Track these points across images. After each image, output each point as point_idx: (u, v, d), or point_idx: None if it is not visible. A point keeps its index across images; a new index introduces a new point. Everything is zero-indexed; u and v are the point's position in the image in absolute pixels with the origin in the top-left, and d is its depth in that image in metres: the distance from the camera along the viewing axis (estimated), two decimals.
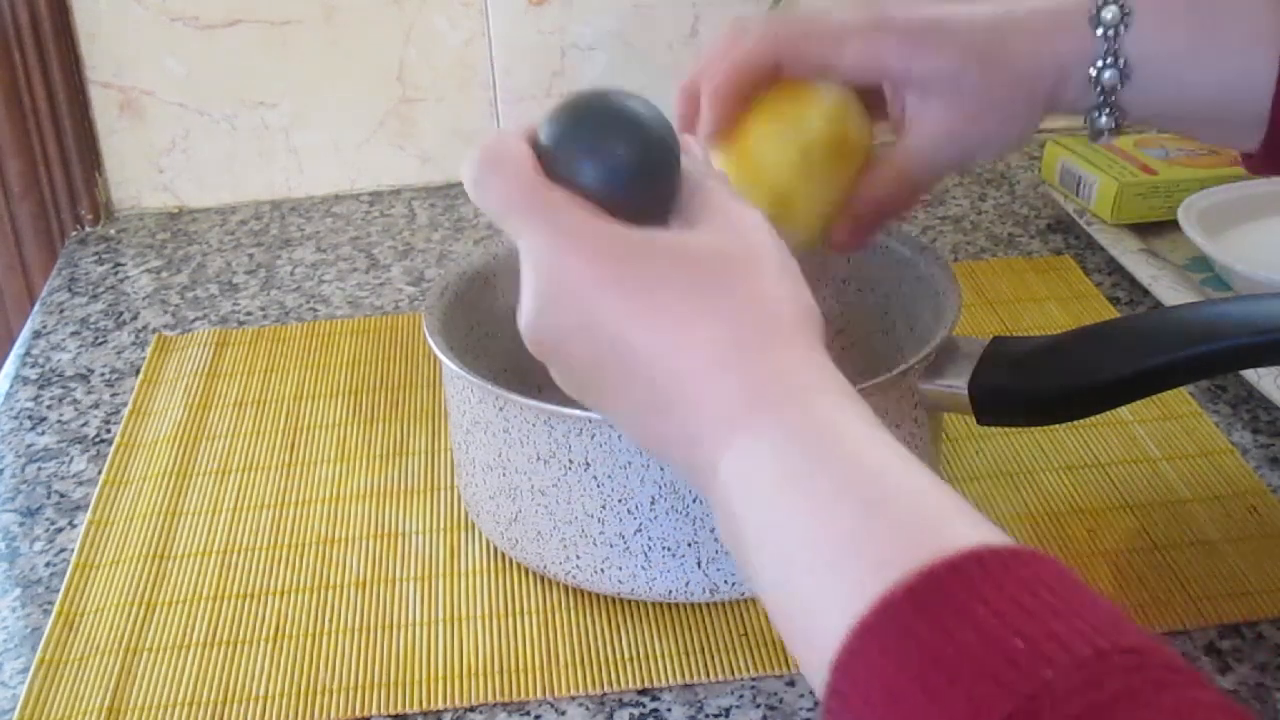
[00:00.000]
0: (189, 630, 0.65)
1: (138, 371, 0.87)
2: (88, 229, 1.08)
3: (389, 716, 0.60)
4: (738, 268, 0.46)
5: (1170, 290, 0.85)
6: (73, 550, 0.70)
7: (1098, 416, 0.67)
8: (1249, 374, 0.77)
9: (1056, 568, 0.37)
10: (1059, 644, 0.34)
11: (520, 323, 0.49)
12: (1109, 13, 0.59)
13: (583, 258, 0.46)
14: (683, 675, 0.61)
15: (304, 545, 0.70)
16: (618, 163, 0.49)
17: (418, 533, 0.70)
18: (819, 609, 0.38)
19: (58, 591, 0.68)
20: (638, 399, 0.46)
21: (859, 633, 0.36)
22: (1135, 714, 0.32)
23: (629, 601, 0.64)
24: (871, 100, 0.63)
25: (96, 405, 0.84)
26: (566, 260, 0.47)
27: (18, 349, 0.91)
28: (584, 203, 0.48)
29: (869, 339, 0.75)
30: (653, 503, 0.60)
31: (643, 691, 0.60)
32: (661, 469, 0.59)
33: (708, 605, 0.64)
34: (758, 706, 0.59)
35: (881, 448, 0.42)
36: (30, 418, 0.83)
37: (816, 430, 0.42)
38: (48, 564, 0.70)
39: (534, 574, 0.67)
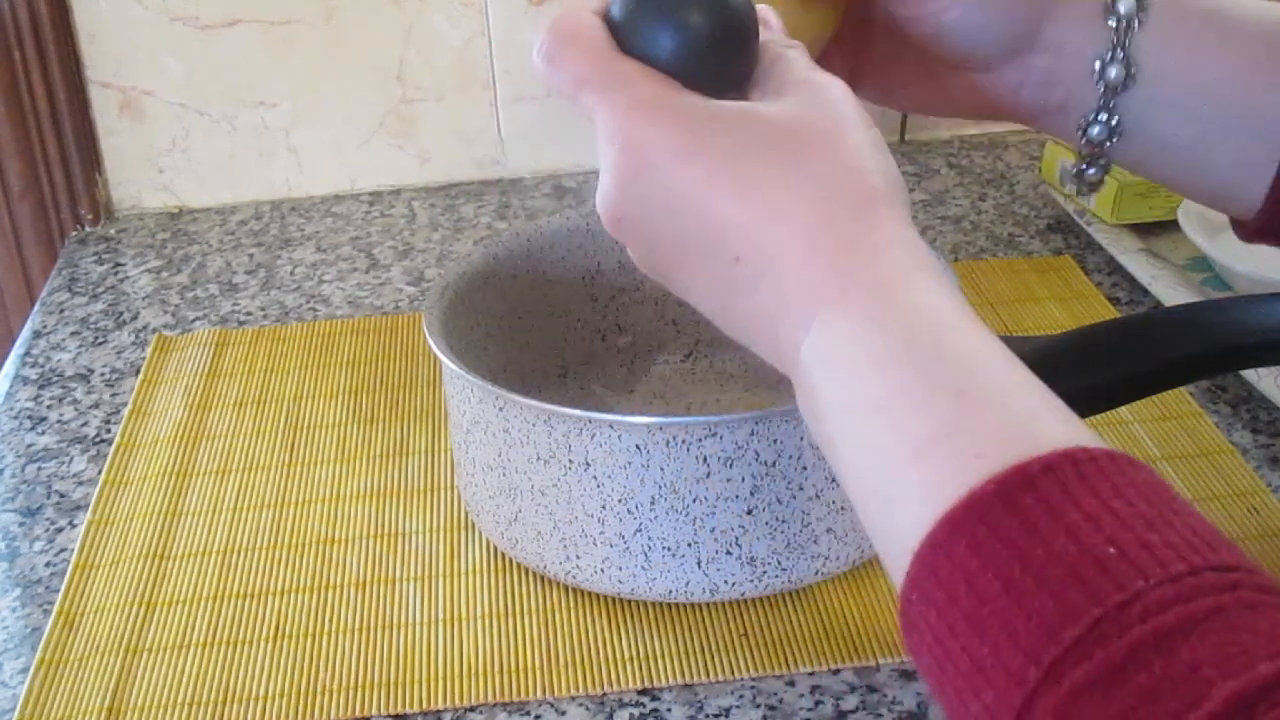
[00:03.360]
0: (189, 630, 0.65)
1: (138, 371, 0.87)
2: (88, 229, 1.08)
3: (389, 716, 0.60)
4: (825, 139, 0.44)
5: (1170, 290, 0.85)
6: (73, 550, 0.70)
7: (1098, 416, 0.67)
8: (1249, 374, 0.77)
9: (1151, 476, 0.36)
10: (1152, 555, 0.33)
11: (598, 201, 0.47)
12: (1124, 5, 0.56)
13: (663, 129, 0.44)
14: (683, 675, 0.61)
15: (304, 545, 0.70)
16: (694, 33, 0.47)
17: (418, 533, 0.70)
18: (902, 499, 0.38)
19: (58, 591, 0.68)
20: (722, 275, 0.44)
21: (945, 525, 0.35)
22: (1225, 632, 0.32)
23: (629, 601, 0.64)
24: None
25: (96, 405, 0.84)
26: (646, 133, 0.44)
27: (18, 349, 0.91)
28: (661, 75, 0.46)
29: None
30: (653, 503, 0.60)
31: (643, 691, 0.60)
32: (662, 469, 0.59)
33: (708, 605, 0.64)
34: (758, 706, 0.59)
35: (972, 336, 0.40)
36: (30, 418, 0.83)
37: (907, 314, 0.41)
38: (48, 564, 0.70)
39: (534, 574, 0.67)
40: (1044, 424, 0.37)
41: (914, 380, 0.39)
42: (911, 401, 0.39)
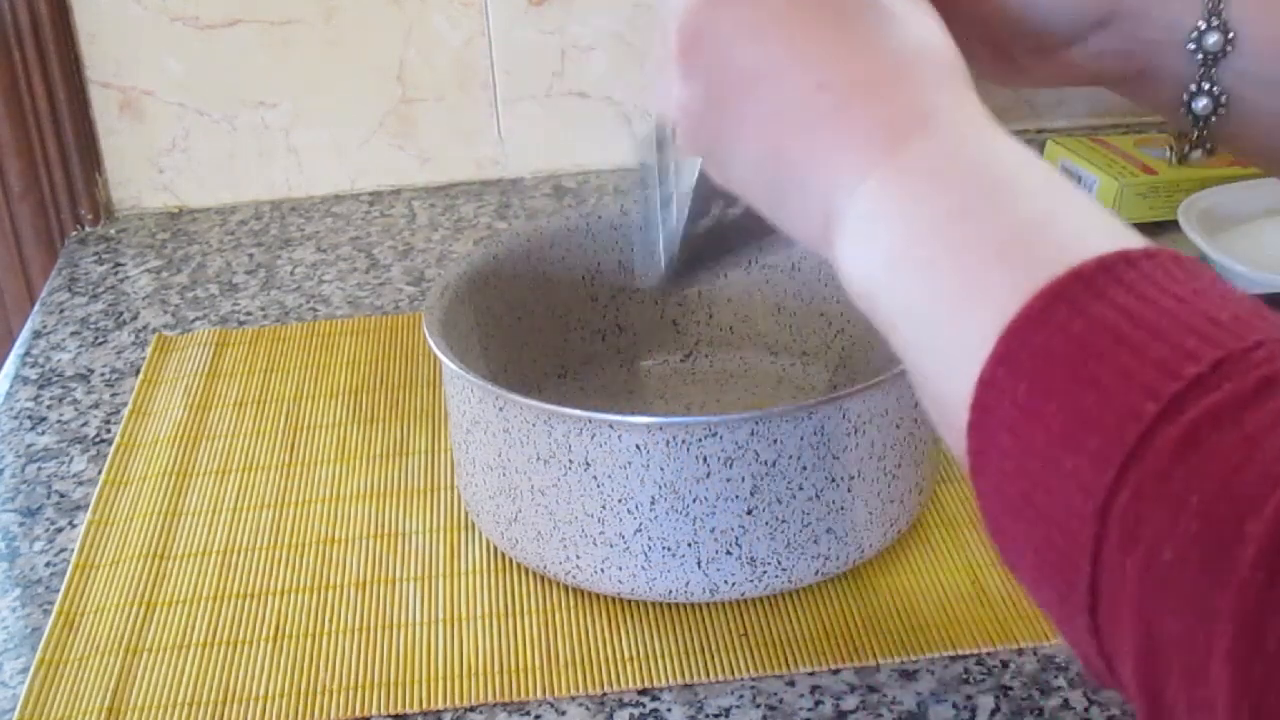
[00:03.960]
0: (189, 630, 0.65)
1: (138, 371, 0.87)
2: (88, 229, 1.08)
3: (389, 716, 0.60)
4: (911, 9, 0.45)
5: None
6: (73, 550, 0.70)
7: None
8: None
9: (1211, 271, 0.35)
10: (1266, 319, 0.32)
11: (672, 20, 0.46)
12: None
13: None
14: (683, 675, 0.61)
15: (304, 545, 0.70)
16: None
17: (418, 533, 0.70)
18: (981, 301, 0.36)
19: (58, 591, 0.68)
20: (800, 101, 0.43)
21: (1042, 296, 0.34)
22: None
23: (629, 601, 0.64)
24: None
25: (96, 405, 0.84)
26: None
27: (18, 349, 0.91)
28: None
29: (869, 338, 0.75)
30: (653, 503, 0.60)
31: (643, 691, 0.60)
32: (662, 469, 0.59)
33: (708, 605, 0.64)
34: (758, 706, 0.59)
35: (1027, 169, 0.40)
36: (30, 418, 0.83)
37: (973, 164, 0.40)
38: (48, 564, 0.70)
39: (534, 574, 0.67)
40: (1126, 232, 0.37)
41: (983, 206, 0.39)
42: (985, 217, 0.38)
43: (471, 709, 0.60)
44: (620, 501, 0.60)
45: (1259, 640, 0.28)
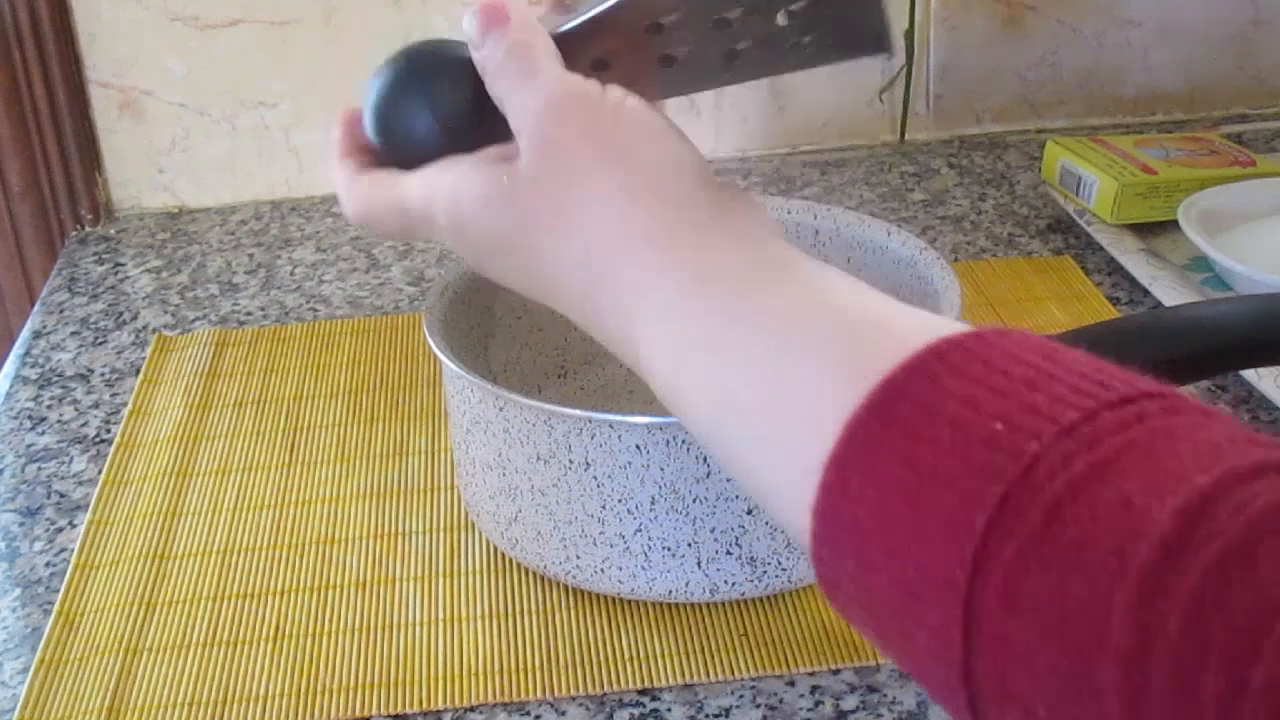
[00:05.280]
0: (189, 630, 0.65)
1: (138, 371, 0.87)
2: (88, 229, 1.08)
3: (389, 716, 0.60)
4: (553, 201, 0.46)
5: (1170, 290, 0.85)
6: (73, 550, 0.70)
7: None
8: (1249, 374, 0.77)
9: (1024, 339, 0.34)
10: (1040, 416, 0.31)
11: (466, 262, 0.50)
12: None
13: (474, 205, 0.47)
14: (683, 675, 0.61)
15: (304, 545, 0.70)
16: (431, 118, 0.50)
17: (418, 533, 0.70)
18: (781, 464, 0.36)
19: (58, 591, 0.68)
20: (566, 280, 0.46)
21: (832, 468, 0.34)
22: (1144, 462, 0.30)
23: (629, 601, 0.64)
24: None
25: (96, 405, 0.84)
26: (461, 214, 0.48)
27: (18, 349, 0.91)
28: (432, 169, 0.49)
29: None
30: (653, 503, 0.60)
31: (643, 691, 0.60)
32: (662, 469, 0.59)
33: (708, 605, 0.64)
34: (758, 706, 0.59)
35: (793, 285, 0.40)
36: (30, 418, 0.83)
37: (727, 288, 0.41)
38: (48, 564, 0.70)
39: (534, 574, 0.67)
40: (900, 330, 0.36)
41: (748, 342, 0.39)
42: (755, 362, 0.38)
43: (471, 709, 0.60)
44: (620, 501, 0.60)
45: None
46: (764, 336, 0.39)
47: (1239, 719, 0.26)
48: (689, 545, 0.61)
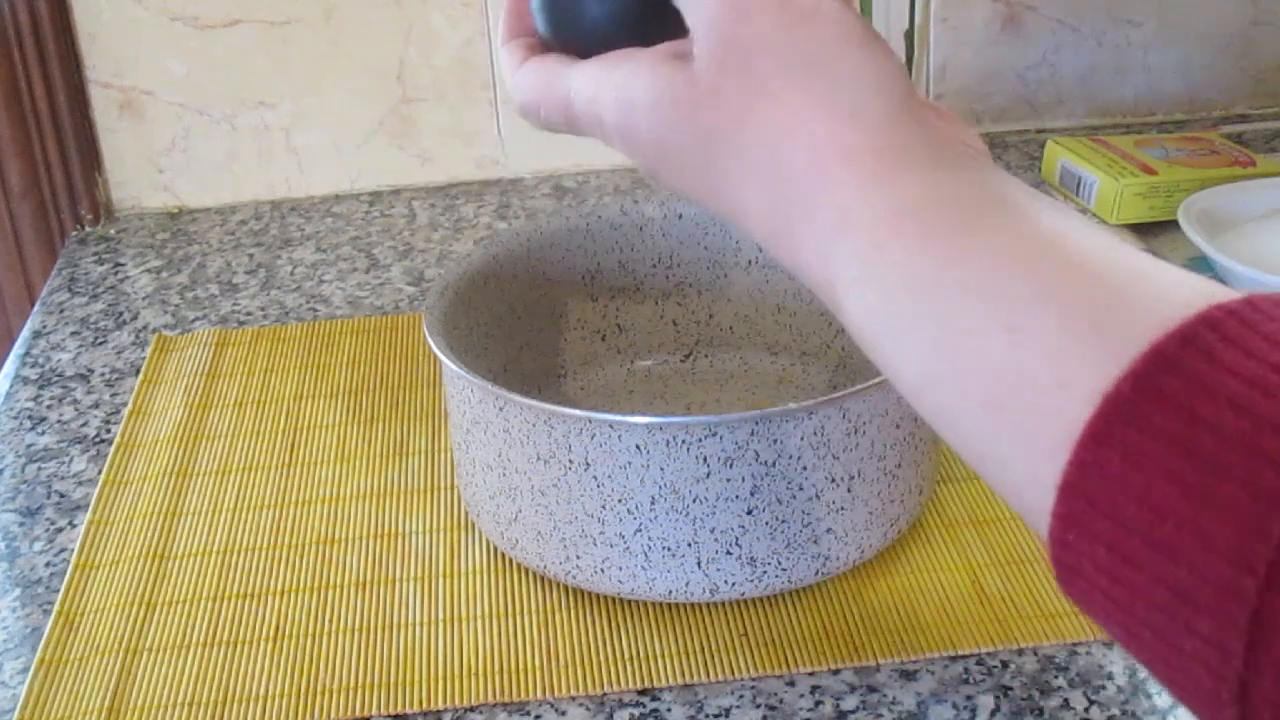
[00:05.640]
0: (189, 630, 0.65)
1: (138, 371, 0.87)
2: (88, 229, 1.08)
3: (389, 716, 0.60)
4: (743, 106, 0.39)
5: None
6: (73, 550, 0.70)
7: None
8: None
9: None
10: None
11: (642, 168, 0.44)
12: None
13: (653, 109, 0.41)
14: (683, 675, 0.61)
15: (304, 545, 0.70)
16: (601, 4, 0.45)
17: (418, 533, 0.70)
18: (1024, 432, 0.32)
19: (58, 591, 0.68)
20: (766, 199, 0.40)
21: (1086, 444, 0.30)
22: None
23: (629, 601, 0.64)
24: None
25: (96, 405, 0.84)
26: (640, 120, 0.42)
27: (18, 349, 0.91)
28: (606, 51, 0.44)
29: None
30: (653, 503, 0.60)
31: (643, 692, 0.60)
32: (662, 469, 0.59)
33: (708, 605, 0.64)
34: (758, 707, 0.59)
35: (1023, 224, 0.34)
36: (30, 418, 0.83)
37: (947, 226, 0.35)
38: (48, 564, 0.70)
39: (534, 574, 0.67)
40: (1153, 284, 0.31)
41: (964, 287, 0.34)
42: (974, 314, 0.33)
43: (471, 709, 0.60)
44: (620, 501, 0.60)
45: None
46: (993, 283, 0.33)
47: None
48: (689, 545, 0.61)
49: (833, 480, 0.61)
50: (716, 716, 0.59)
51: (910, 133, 0.38)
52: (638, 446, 0.59)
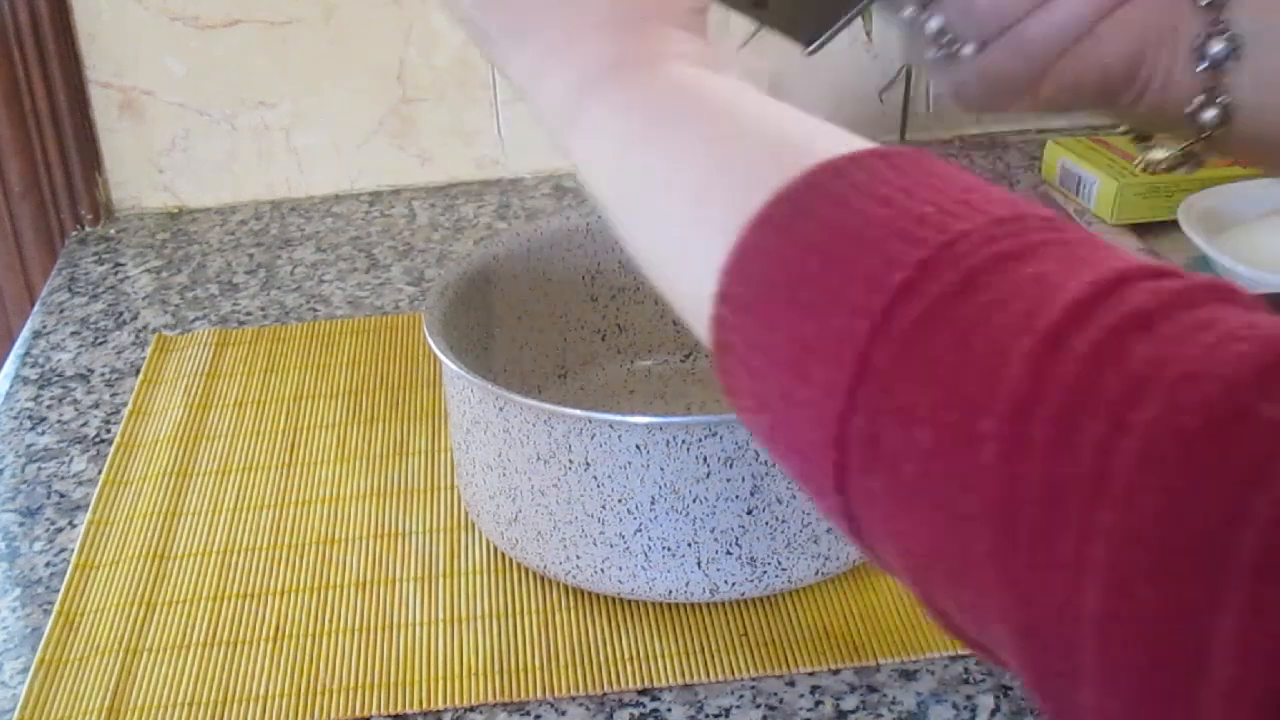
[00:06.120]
0: (189, 630, 0.65)
1: (138, 371, 0.87)
2: (88, 229, 1.08)
3: (389, 716, 0.60)
4: None
5: None
6: (73, 550, 0.70)
7: None
8: None
9: (955, 167, 0.35)
10: (972, 208, 0.32)
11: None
12: None
13: None
14: (683, 675, 0.61)
15: (304, 545, 0.70)
16: None
17: (418, 533, 0.70)
18: (703, 231, 0.36)
19: (58, 591, 0.68)
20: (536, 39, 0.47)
21: (753, 227, 0.34)
22: (1063, 250, 0.31)
23: (629, 601, 0.64)
24: None
25: (96, 405, 0.84)
26: None
27: (18, 349, 0.91)
28: None
29: None
30: (653, 503, 0.60)
31: (643, 691, 0.60)
32: (662, 469, 0.59)
33: (708, 605, 0.64)
34: (758, 706, 0.59)
35: (736, 94, 0.41)
36: (30, 418, 0.83)
37: (674, 85, 0.42)
38: (48, 564, 0.70)
39: (534, 574, 0.67)
40: (824, 143, 0.36)
41: (685, 133, 0.39)
42: (689, 149, 0.39)
43: (471, 709, 0.60)
44: (620, 501, 0.60)
45: (1013, 536, 0.28)
46: (705, 127, 0.39)
47: (1115, 456, 0.26)
48: (689, 545, 0.61)
49: None
50: (716, 716, 0.59)
51: (658, 28, 0.44)
52: (638, 446, 0.59)
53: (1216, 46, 0.50)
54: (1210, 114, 0.51)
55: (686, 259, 0.37)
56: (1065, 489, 0.27)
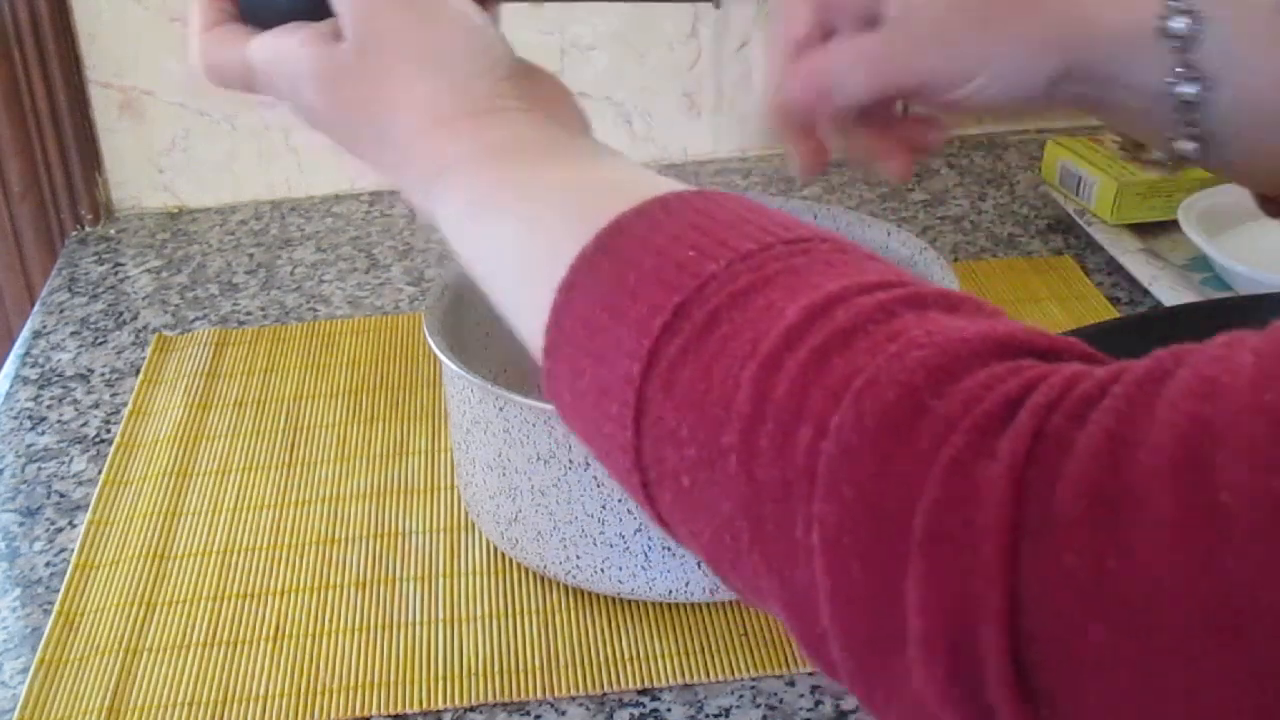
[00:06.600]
0: (189, 630, 0.65)
1: (138, 371, 0.87)
2: (88, 229, 1.08)
3: (389, 716, 0.60)
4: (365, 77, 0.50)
5: (1170, 290, 0.85)
6: (73, 550, 0.70)
7: None
8: None
9: (744, 199, 0.40)
10: (727, 247, 0.37)
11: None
12: (1178, 22, 0.50)
13: (310, 84, 0.52)
14: (683, 675, 0.61)
15: (304, 545, 0.70)
16: None
17: (418, 533, 0.70)
18: (534, 293, 0.41)
19: (58, 591, 0.68)
20: (379, 151, 0.52)
21: (561, 292, 0.39)
22: (793, 278, 0.35)
23: (629, 601, 0.64)
24: None
25: (96, 405, 0.84)
26: (300, 92, 0.53)
27: (18, 349, 0.91)
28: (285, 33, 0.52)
29: None
30: None
31: (643, 691, 0.60)
32: None
33: (708, 605, 0.64)
34: (758, 706, 0.59)
35: (575, 163, 0.46)
36: (30, 418, 0.83)
37: (495, 179, 0.46)
38: (48, 564, 0.70)
39: (534, 574, 0.67)
40: (642, 187, 0.41)
41: (513, 212, 0.44)
42: (515, 227, 0.44)
43: (471, 709, 0.60)
44: (620, 501, 0.60)
45: (763, 529, 0.33)
46: (537, 199, 0.44)
47: (819, 456, 0.31)
48: None
49: None
50: (716, 716, 0.59)
51: (505, 101, 0.49)
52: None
53: (1188, 89, 0.52)
54: (1187, 146, 0.54)
55: (523, 322, 0.43)
56: (790, 488, 0.32)
